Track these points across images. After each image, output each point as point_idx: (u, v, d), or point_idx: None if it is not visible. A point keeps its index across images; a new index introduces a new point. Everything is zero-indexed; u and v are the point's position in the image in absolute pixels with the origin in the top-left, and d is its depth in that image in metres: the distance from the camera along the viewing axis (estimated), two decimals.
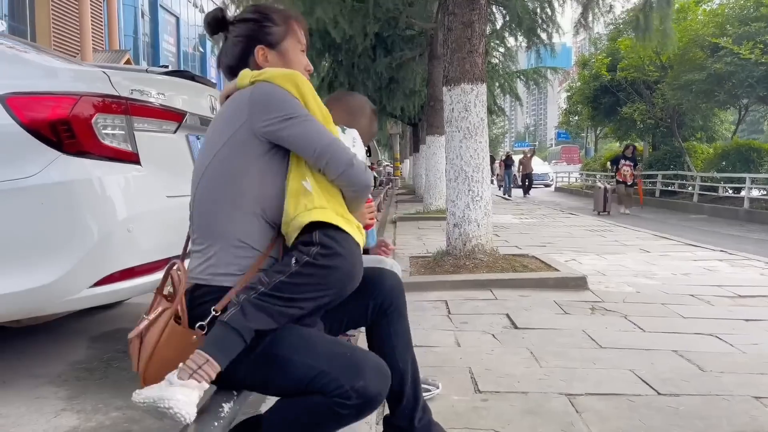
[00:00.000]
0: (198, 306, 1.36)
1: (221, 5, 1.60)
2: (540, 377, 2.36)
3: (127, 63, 17.10)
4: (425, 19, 9.93)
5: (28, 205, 2.06)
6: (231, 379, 1.32)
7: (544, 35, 10.37)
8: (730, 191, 14.52)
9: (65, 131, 2.09)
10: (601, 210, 12.70)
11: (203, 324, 1.32)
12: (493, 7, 9.83)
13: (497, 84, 14.77)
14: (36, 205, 2.06)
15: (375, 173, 19.84)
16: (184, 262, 1.43)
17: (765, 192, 13.61)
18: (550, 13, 9.92)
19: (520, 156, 21.17)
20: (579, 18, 7.84)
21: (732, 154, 15.00)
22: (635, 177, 13.81)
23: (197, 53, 36.56)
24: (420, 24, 10.03)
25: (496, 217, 7.19)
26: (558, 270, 4.46)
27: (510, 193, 19.84)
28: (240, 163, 1.40)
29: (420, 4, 9.36)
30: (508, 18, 10.23)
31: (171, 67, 4.03)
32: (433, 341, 2.87)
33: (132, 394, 1.21)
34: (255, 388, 1.39)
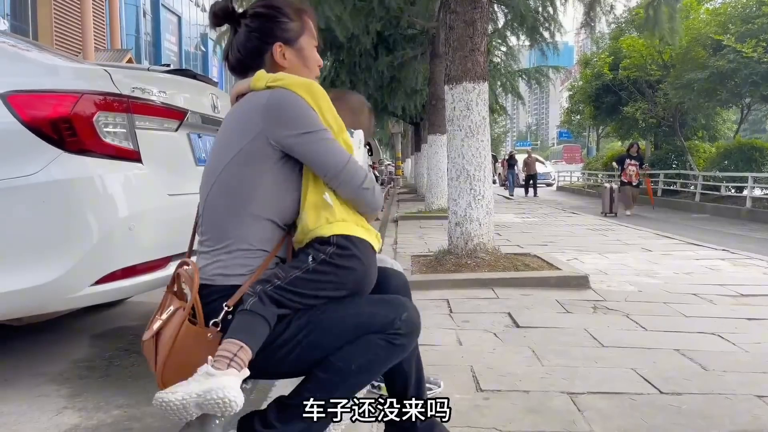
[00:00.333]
0: (208, 304, 1.36)
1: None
2: (542, 376, 2.36)
3: (129, 62, 17.11)
4: (427, 18, 9.91)
5: (29, 204, 2.05)
6: (267, 364, 1.34)
7: (546, 34, 10.36)
8: (732, 190, 14.49)
9: (67, 129, 2.08)
10: (608, 211, 12.25)
11: (217, 321, 1.33)
12: (495, 6, 9.80)
13: (499, 83, 14.71)
14: (37, 204, 2.05)
15: (376, 172, 19.84)
16: (191, 259, 1.44)
17: (767, 191, 13.58)
18: (552, 12, 9.89)
19: (524, 155, 21.06)
20: (583, 19, 7.81)
21: (734, 153, 14.99)
22: (641, 176, 13.21)
23: (199, 52, 36.64)
24: (421, 23, 10.01)
25: (497, 216, 7.18)
26: (560, 269, 4.45)
27: (512, 192, 19.83)
28: (254, 170, 1.40)
29: (422, 2, 9.33)
30: (509, 17, 10.21)
31: (173, 66, 4.03)
32: (435, 340, 2.86)
33: (154, 394, 1.19)
34: (297, 362, 1.37)
